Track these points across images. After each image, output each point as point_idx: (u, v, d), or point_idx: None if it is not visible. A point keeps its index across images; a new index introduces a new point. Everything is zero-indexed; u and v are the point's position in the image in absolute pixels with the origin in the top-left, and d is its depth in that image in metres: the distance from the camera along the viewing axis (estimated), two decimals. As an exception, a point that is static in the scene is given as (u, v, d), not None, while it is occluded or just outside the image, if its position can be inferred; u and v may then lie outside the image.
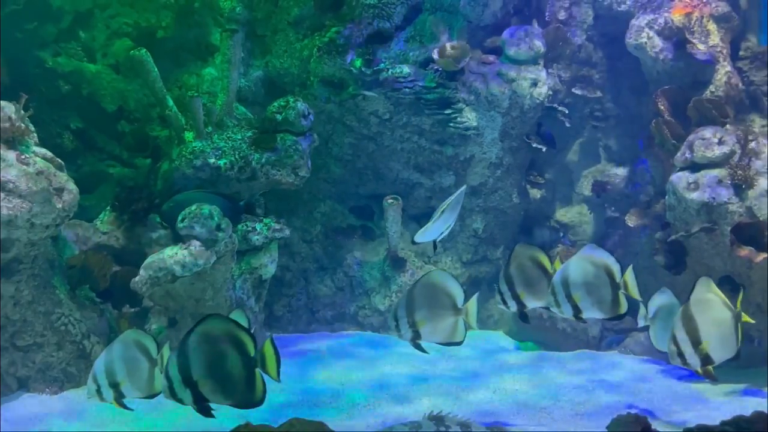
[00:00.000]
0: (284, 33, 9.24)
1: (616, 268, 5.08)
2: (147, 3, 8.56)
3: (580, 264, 5.11)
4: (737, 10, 8.47)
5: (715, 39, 8.20)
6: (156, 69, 7.77)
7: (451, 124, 9.06)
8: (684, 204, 7.62)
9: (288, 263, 9.29)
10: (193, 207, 7.36)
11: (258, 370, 3.82)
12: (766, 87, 8.28)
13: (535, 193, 9.83)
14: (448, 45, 8.97)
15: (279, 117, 8.34)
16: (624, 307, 5.09)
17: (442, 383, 7.35)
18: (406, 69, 8.95)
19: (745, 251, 7.10)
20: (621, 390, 7.18)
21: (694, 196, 7.50)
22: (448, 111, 9.04)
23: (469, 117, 9.05)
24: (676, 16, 8.23)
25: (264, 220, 8.21)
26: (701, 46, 8.06)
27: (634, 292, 5.03)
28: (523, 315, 5.62)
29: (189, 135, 8.18)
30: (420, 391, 7.13)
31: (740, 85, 8.22)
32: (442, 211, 5.90)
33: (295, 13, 9.17)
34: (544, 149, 9.13)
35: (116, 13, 8.61)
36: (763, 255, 7.12)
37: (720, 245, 7.48)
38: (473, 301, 5.23)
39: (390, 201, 8.72)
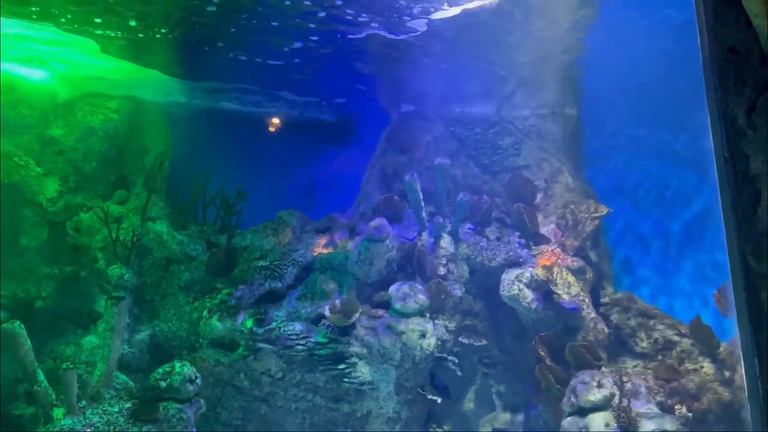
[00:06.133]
0: (174, 297, 9.25)
1: None
2: (28, 274, 8.40)
3: None
4: (590, 263, 9.62)
5: (576, 289, 9.11)
6: (29, 342, 7.31)
7: (346, 379, 8.94)
8: (579, 450, 7.63)
9: None
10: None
11: None
12: (629, 330, 9.06)
13: (437, 447, 9.51)
14: (338, 301, 9.27)
15: (163, 384, 7.89)
16: None
17: None
18: (297, 326, 9.03)
19: (645, 498, 7.03)
20: None
21: (587, 441, 7.57)
22: (342, 366, 8.99)
23: (363, 371, 9.01)
24: (540, 270, 9.18)
25: (138, 506, 7.21)
26: (565, 296, 8.88)
27: None
28: None
29: (58, 412, 7.43)
30: None
31: (606, 329, 8.95)
32: None
33: (186, 277, 9.31)
34: (439, 400, 9.09)
35: (-7, 288, 8.33)
36: (663, 500, 7.07)
37: (621, 492, 7.37)
38: None
39: (284, 469, 8.06)
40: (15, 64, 9.76)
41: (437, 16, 8.57)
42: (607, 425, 7.60)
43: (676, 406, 7.70)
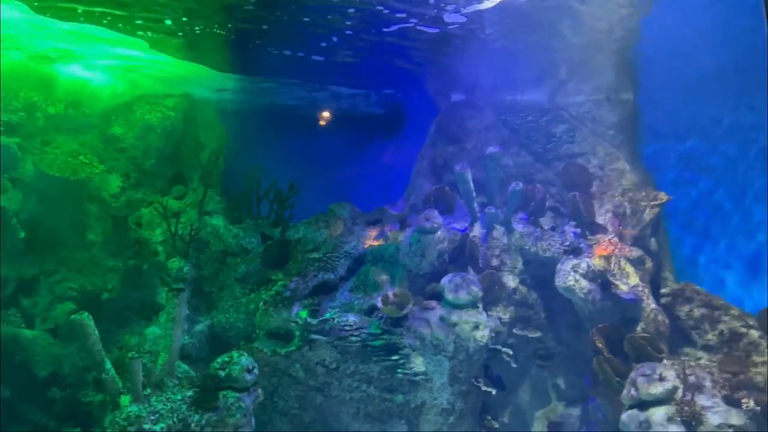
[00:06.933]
0: (231, 288, 9.47)
1: None
2: (94, 267, 8.76)
3: None
4: (650, 253, 9.32)
5: (635, 279, 8.85)
6: (96, 332, 7.63)
7: (400, 370, 8.97)
8: (640, 444, 7.44)
9: None
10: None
11: None
12: (692, 321, 8.75)
13: (491, 439, 9.44)
14: (390, 293, 9.29)
15: (222, 373, 8.09)
16: None
17: None
18: (351, 317, 9.10)
19: (710, 494, 6.80)
20: None
21: (648, 435, 7.37)
22: (395, 357, 9.02)
23: (417, 362, 9.02)
24: (597, 260, 8.95)
25: (202, 492, 7.44)
26: (624, 287, 8.64)
27: None
28: None
29: (125, 399, 7.75)
30: None
31: (666, 320, 8.67)
32: None
33: (242, 269, 9.52)
34: (494, 392, 9.02)
35: (62, 279, 8.71)
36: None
37: (685, 488, 7.16)
38: None
39: (340, 458, 8.17)
40: (74, 65, 10.16)
41: (476, 8, 8.41)
42: (669, 419, 7.38)
43: (743, 400, 7.40)
